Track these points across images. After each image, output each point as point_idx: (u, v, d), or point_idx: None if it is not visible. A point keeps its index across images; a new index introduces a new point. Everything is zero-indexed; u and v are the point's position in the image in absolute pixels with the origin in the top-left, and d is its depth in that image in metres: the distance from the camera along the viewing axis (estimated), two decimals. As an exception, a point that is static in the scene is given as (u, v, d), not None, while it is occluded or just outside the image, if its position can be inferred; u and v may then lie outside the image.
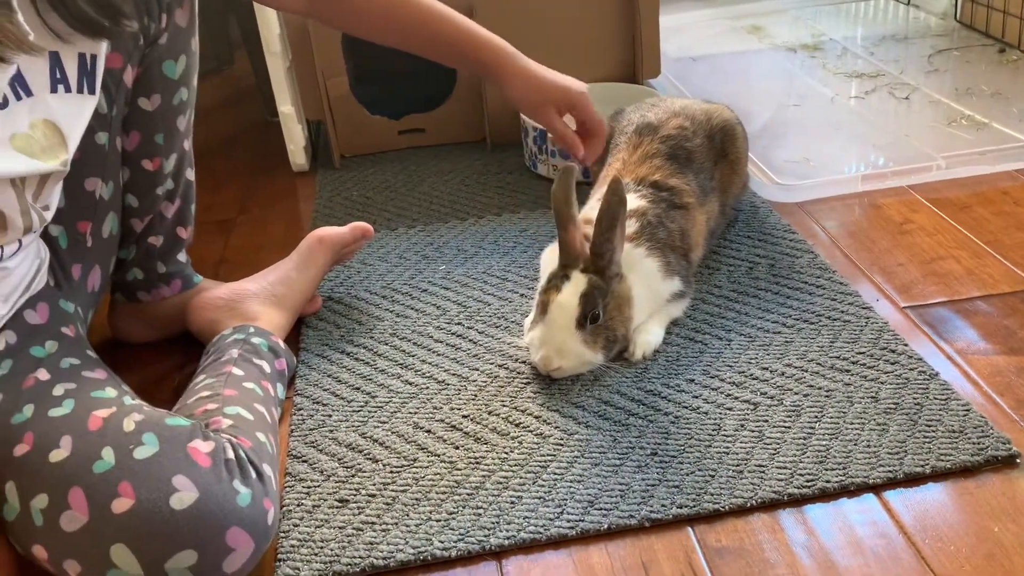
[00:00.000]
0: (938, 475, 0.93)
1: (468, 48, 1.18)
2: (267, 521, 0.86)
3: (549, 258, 1.23)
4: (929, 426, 0.99)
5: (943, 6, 2.30)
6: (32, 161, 0.91)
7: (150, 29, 1.08)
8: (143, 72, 1.11)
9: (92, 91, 0.97)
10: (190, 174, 1.23)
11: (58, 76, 0.93)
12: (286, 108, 1.69)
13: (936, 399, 1.02)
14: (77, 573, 0.83)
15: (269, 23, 1.62)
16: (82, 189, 1.09)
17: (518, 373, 1.14)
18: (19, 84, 0.89)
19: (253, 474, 0.87)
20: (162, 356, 1.25)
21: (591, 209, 1.21)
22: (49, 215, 0.99)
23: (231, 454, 0.88)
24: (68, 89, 0.94)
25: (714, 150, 1.34)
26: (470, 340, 1.21)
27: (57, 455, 0.85)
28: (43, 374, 0.95)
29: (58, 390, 0.93)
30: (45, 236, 1.07)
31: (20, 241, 0.96)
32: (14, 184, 0.91)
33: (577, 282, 1.09)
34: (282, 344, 1.16)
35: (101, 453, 0.84)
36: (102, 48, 0.98)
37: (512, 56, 1.18)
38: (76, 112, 0.96)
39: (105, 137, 1.09)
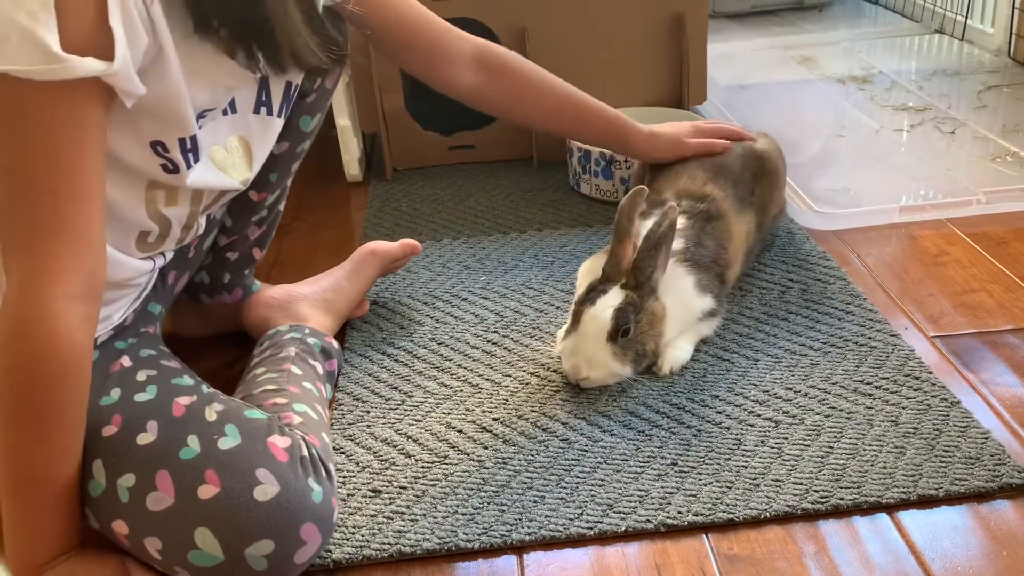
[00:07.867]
0: (951, 499, 0.95)
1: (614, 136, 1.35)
2: (333, 518, 0.91)
3: (587, 270, 1.28)
4: (946, 451, 1.01)
5: (997, 43, 2.30)
6: (223, 176, 0.98)
7: (303, 85, 1.15)
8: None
9: (281, 116, 1.05)
10: (282, 205, 1.29)
11: (263, 99, 1.01)
12: (344, 121, 1.76)
13: (956, 426, 1.05)
14: (156, 550, 0.87)
15: (331, 40, 1.70)
16: None
17: (549, 381, 1.18)
18: (229, 102, 0.97)
19: (323, 472, 0.92)
20: (215, 351, 1.31)
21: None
22: (201, 231, 1.06)
23: (305, 452, 0.92)
24: (269, 113, 1.02)
25: (752, 168, 1.37)
26: (505, 348, 1.26)
27: (144, 438, 0.89)
28: (126, 361, 1.00)
29: (141, 375, 0.98)
30: None
31: (164, 254, 1.03)
32: (194, 197, 0.98)
33: (612, 296, 1.13)
34: (335, 345, 1.22)
35: (187, 440, 0.89)
36: (300, 77, 1.05)
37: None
38: (266, 134, 1.04)
39: None
